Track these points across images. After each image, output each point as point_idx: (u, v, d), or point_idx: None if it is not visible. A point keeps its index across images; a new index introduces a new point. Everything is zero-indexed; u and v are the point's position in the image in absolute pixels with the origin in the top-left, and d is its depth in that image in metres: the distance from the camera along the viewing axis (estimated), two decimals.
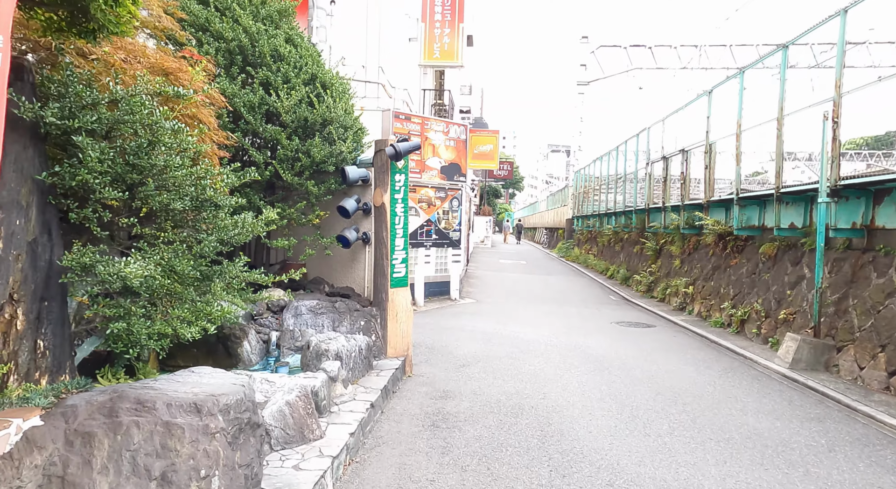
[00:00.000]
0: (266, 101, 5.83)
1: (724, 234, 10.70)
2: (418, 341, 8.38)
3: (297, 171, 5.94)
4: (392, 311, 6.15)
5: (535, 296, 14.21)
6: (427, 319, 10.44)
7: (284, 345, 5.57)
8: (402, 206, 6.22)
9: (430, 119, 13.19)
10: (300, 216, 6.09)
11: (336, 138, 6.19)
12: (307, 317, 5.70)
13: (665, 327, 10.56)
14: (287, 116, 5.87)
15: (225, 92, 5.56)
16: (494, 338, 8.84)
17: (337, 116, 6.14)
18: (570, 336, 9.29)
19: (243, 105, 5.65)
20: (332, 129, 6.15)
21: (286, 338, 5.58)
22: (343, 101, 6.18)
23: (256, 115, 5.77)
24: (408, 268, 6.29)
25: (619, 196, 19.31)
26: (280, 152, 5.82)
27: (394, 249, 6.14)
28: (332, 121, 6.13)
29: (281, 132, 5.76)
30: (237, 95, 5.60)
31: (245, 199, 5.85)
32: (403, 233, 6.26)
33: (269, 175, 5.79)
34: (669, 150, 13.90)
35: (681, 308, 12.25)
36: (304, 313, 5.70)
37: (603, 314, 11.86)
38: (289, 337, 5.58)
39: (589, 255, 23.55)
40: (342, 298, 6.08)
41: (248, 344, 5.34)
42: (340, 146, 6.18)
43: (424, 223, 12.85)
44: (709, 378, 6.89)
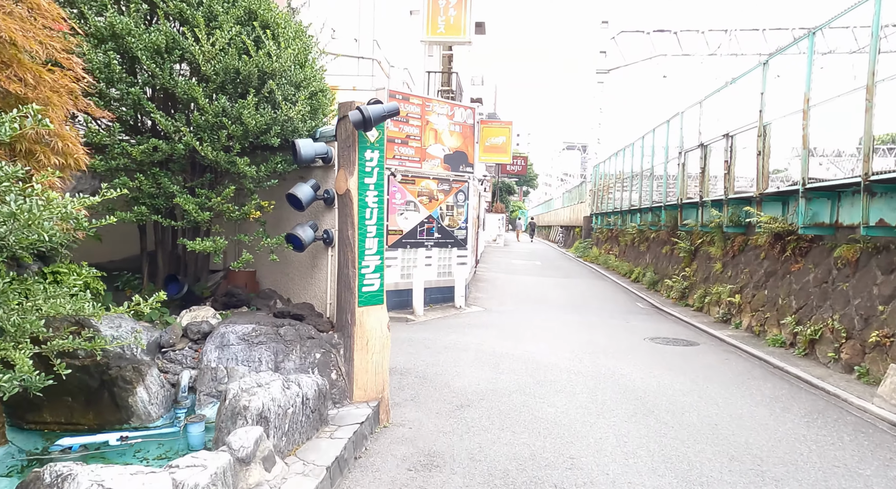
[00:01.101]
0: (179, 43, 4.22)
1: (782, 233, 8.88)
2: (408, 366, 6.70)
3: (223, 143, 4.27)
4: (361, 339, 4.47)
5: (551, 304, 12.46)
6: (424, 333, 8.77)
7: (203, 390, 3.93)
8: (375, 195, 4.54)
9: (433, 100, 11.49)
10: (232, 207, 4.43)
11: (281, 99, 4.52)
12: (238, 349, 4.06)
13: (711, 345, 8.76)
14: (209, 66, 4.20)
15: (115, 30, 3.94)
16: (504, 362, 7.13)
17: (282, 69, 4.46)
18: (596, 358, 7.55)
19: (144, 48, 3.99)
20: (275, 85, 4.47)
21: (205, 380, 3.94)
22: (295, 49, 4.49)
23: (165, 64, 4.12)
24: (383, 278, 4.61)
25: (644, 191, 17.46)
26: (195, 116, 4.15)
27: (363, 254, 4.46)
28: (276, 74, 4.45)
29: (197, 88, 4.18)
30: (134, 35, 3.94)
31: (152, 183, 4.23)
32: (378, 231, 4.57)
33: (182, 149, 4.14)
34: (708, 136, 12.05)
35: (724, 320, 10.43)
36: (232, 343, 4.06)
37: (632, 327, 10.08)
38: (209, 378, 3.94)
39: (610, 256, 21.71)
40: (293, 320, 4.44)
41: (146, 390, 3.70)
42: (288, 110, 4.50)
43: (425, 220, 11.17)
44: (793, 428, 5.12)
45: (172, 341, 4.06)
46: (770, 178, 9.77)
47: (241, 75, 4.25)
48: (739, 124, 10.53)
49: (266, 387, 3.48)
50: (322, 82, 5.04)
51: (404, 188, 10.78)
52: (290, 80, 4.53)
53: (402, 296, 10.85)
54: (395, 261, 10.68)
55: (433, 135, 11.27)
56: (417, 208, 11.02)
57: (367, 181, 4.51)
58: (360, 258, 4.47)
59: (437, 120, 11.33)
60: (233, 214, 4.37)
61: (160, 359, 4.01)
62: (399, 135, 10.67)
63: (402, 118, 10.73)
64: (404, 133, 10.76)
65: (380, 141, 4.60)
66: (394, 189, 10.61)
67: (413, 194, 10.94)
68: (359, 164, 4.45)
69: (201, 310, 4.50)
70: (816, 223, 8.07)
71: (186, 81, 4.06)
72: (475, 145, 17.01)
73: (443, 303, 11.63)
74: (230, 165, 4.27)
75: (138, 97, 4.02)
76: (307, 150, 4.32)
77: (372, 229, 4.55)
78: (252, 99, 4.18)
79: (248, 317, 4.39)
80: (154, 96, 4.42)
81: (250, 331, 4.14)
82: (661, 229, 15.68)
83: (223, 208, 4.32)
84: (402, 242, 10.79)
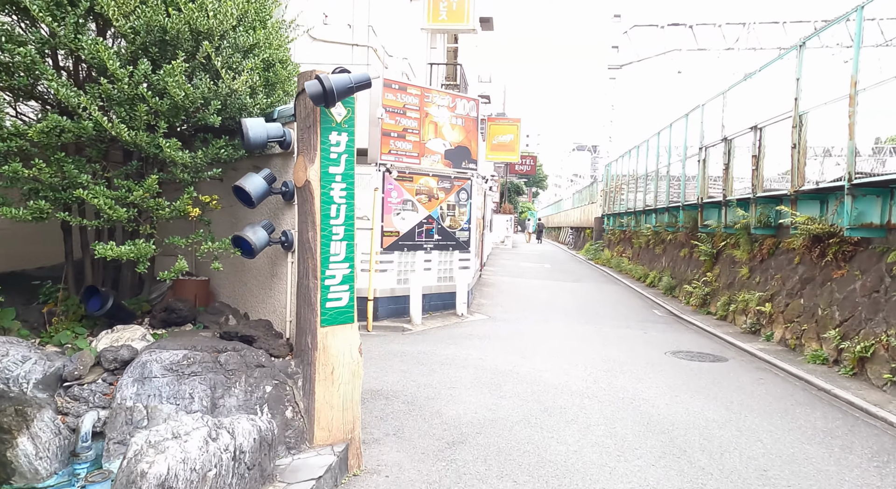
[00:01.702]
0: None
1: (822, 235, 7.89)
2: (396, 388, 5.82)
3: (144, 121, 3.40)
4: (324, 366, 3.59)
5: (561, 311, 11.52)
6: (420, 346, 7.88)
7: (114, 437, 3.06)
8: (343, 188, 3.66)
9: (432, 90, 10.61)
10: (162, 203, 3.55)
11: (220, 67, 3.64)
12: (163, 382, 3.19)
13: (741, 361, 7.80)
14: (124, 22, 3.32)
15: None
16: (507, 382, 6.22)
17: (222, 28, 3.57)
18: (613, 377, 6.62)
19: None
20: (212, 49, 3.58)
21: (118, 423, 3.08)
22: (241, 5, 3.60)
23: (67, 18, 3.24)
24: (353, 291, 3.72)
25: (660, 190, 16.47)
26: (105, 87, 3.27)
27: (327, 261, 3.58)
28: (213, 35, 3.56)
29: (105, 47, 3.21)
30: None
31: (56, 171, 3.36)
32: (347, 232, 3.69)
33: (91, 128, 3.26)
34: (733, 129, 11.06)
35: (753, 331, 9.44)
36: (156, 375, 3.19)
37: (651, 338, 9.13)
38: (123, 420, 3.08)
39: (622, 259, 20.72)
40: (241, 343, 3.57)
41: (33, 440, 2.86)
42: (231, 82, 3.62)
43: (424, 220, 10.30)
44: (862, 477, 4.17)
45: (79, 372, 3.20)
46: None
47: (168, 35, 3.38)
48: (769, 116, 9.56)
49: (182, 439, 2.61)
50: (284, 52, 4.16)
51: (401, 186, 9.91)
52: (233, 43, 3.64)
53: (398, 304, 9.98)
54: (390, 265, 9.81)
55: (433, 128, 10.40)
56: (416, 208, 10.15)
57: (333, 171, 3.63)
58: (323, 266, 3.59)
59: (438, 112, 10.46)
60: (161, 212, 3.50)
61: (61, 397, 3.16)
62: (395, 128, 9.80)
63: (399, 109, 9.87)
64: (401, 126, 9.90)
65: (349, 121, 3.72)
66: (389, 187, 9.75)
67: (411, 193, 10.07)
68: (321, 149, 3.57)
69: (127, 330, 3.65)
70: (864, 224, 7.08)
71: (93, 40, 3.19)
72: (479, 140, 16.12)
73: (443, 311, 10.74)
74: (155, 150, 3.39)
75: (31, 59, 3.16)
76: (257, 132, 3.46)
77: (339, 230, 3.66)
78: (180, 65, 3.30)
79: (185, 340, 3.53)
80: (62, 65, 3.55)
81: (181, 358, 3.28)
82: (678, 231, 14.69)
83: (150, 204, 3.46)
84: (399, 245, 9.92)
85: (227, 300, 4.57)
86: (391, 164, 9.74)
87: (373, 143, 9.69)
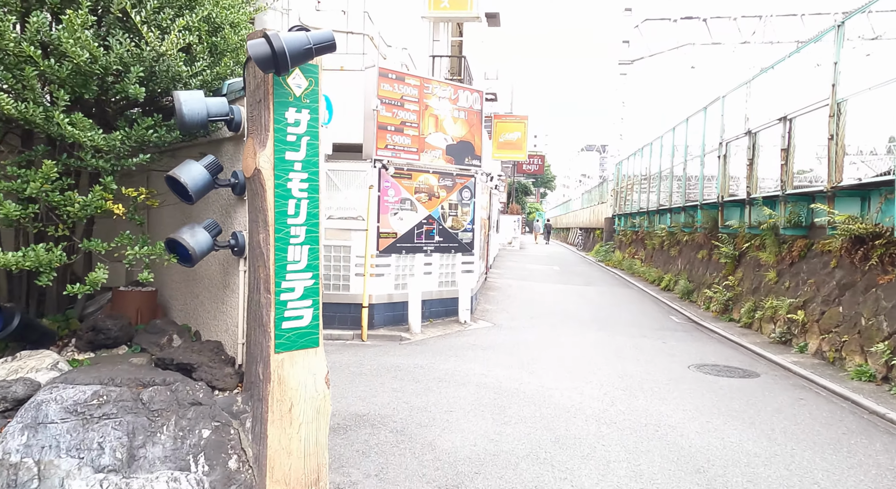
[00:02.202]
0: None
1: (865, 236, 7.07)
2: (385, 412, 5.07)
3: (38, 91, 2.68)
4: (280, 403, 2.86)
5: (572, 318, 10.73)
6: (417, 358, 7.14)
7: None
8: (304, 178, 2.92)
9: (432, 81, 9.87)
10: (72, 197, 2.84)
11: (142, 23, 2.92)
12: (64, 429, 2.47)
13: (774, 377, 6.99)
14: None
15: None
16: (512, 404, 5.46)
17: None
18: (632, 397, 5.84)
19: None
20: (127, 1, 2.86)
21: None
22: None
23: None
24: (318, 307, 2.99)
25: (676, 188, 15.63)
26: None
27: (283, 270, 2.84)
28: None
29: None
30: None
31: None
32: (310, 234, 2.95)
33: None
34: (758, 122, 10.23)
35: (783, 341, 8.61)
36: (55, 420, 2.45)
37: (671, 349, 8.33)
38: (5, 482, 2.36)
39: (635, 261, 19.87)
40: (178, 373, 2.84)
41: None
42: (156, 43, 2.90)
43: (424, 220, 9.55)
44: None
45: None
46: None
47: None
48: (799, 106, 8.73)
49: None
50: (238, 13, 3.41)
51: (399, 184, 9.18)
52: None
53: (396, 311, 9.25)
54: (387, 269, 9.08)
55: (433, 121, 9.66)
56: (414, 207, 9.41)
57: (291, 157, 2.89)
58: (278, 277, 2.85)
59: (439, 104, 9.72)
60: (69, 208, 2.78)
61: None
62: (392, 121, 9.07)
63: (397, 101, 9.14)
64: (399, 119, 9.16)
65: (311, 95, 2.98)
66: (386, 185, 9.02)
67: (409, 191, 9.33)
68: (275, 129, 2.83)
69: (34, 357, 2.94)
70: None
71: None
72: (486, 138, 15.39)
73: (445, 318, 9.99)
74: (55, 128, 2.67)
75: None
76: (193, 108, 2.72)
77: (299, 231, 2.92)
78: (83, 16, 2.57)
79: (104, 371, 2.81)
80: None
81: (90, 396, 2.55)
82: (696, 231, 13.85)
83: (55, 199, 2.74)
84: (397, 247, 9.19)
85: (180, 315, 3.85)
86: (388, 159, 9.01)
87: (367, 138, 8.97)
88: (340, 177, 8.87)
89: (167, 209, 3.69)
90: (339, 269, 8.80)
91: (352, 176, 8.87)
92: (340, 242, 8.82)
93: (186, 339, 3.52)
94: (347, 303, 8.78)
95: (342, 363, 6.90)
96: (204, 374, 2.97)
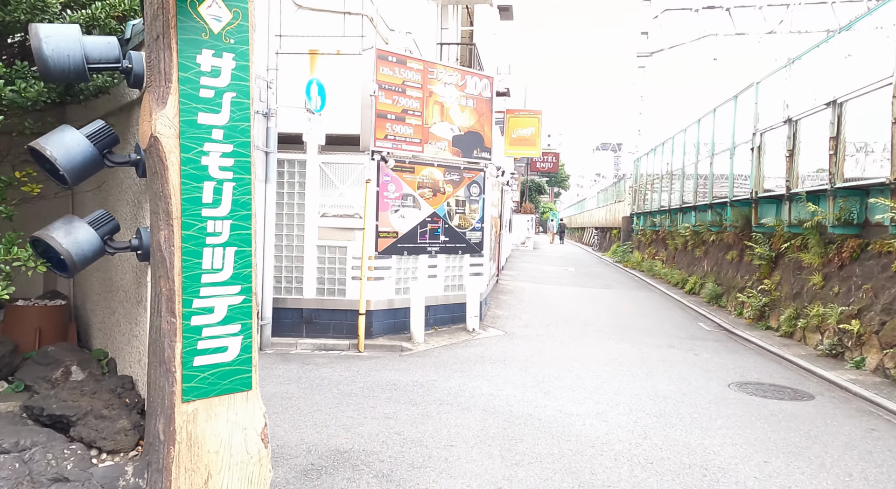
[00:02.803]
0: None
1: None
2: (372, 447, 4.20)
3: None
4: (191, 474, 2.01)
5: (591, 325, 9.79)
6: (417, 373, 6.26)
7: None
8: (229, 152, 2.07)
9: (437, 65, 9.00)
10: None
11: None
12: None
13: (832, 398, 6.00)
14: None
15: None
16: (525, 438, 4.56)
17: None
18: (668, 427, 4.91)
19: None
20: None
21: None
22: None
23: None
24: (250, 333, 2.13)
25: (701, 185, 14.59)
26: None
27: (196, 282, 1.99)
28: None
29: None
30: None
31: None
32: (237, 232, 2.10)
33: None
34: (799, 109, 9.21)
35: (833, 353, 7.60)
36: None
37: (704, 362, 7.37)
38: None
39: (655, 262, 18.82)
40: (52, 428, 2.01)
41: None
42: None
43: (428, 218, 8.68)
44: None
45: None
46: None
47: None
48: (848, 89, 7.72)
49: None
50: None
51: (400, 178, 8.32)
52: None
53: (397, 318, 8.38)
54: (387, 271, 8.22)
55: (438, 110, 8.78)
56: (418, 204, 8.54)
57: (207, 120, 2.03)
58: (187, 292, 1.99)
59: (444, 91, 8.84)
60: None
61: None
62: (393, 108, 8.21)
63: (398, 87, 8.28)
64: (400, 107, 8.30)
65: (237, 34, 2.11)
66: (386, 179, 8.16)
67: (412, 186, 8.47)
68: (181, 79, 1.97)
69: None
70: None
71: None
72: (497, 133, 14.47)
73: (451, 325, 9.11)
74: None
75: None
76: (61, 47, 1.88)
77: (220, 227, 2.06)
78: None
79: None
80: None
81: None
82: (725, 230, 12.82)
83: None
84: (398, 248, 8.32)
85: (98, 337, 3.03)
86: (388, 151, 8.16)
87: (365, 127, 8.12)
88: (335, 170, 8.03)
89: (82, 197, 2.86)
90: (333, 273, 7.97)
91: (348, 169, 8.03)
92: (336, 243, 7.98)
93: (92, 372, 2.68)
94: (343, 310, 7.94)
95: (331, 379, 6.05)
96: (86, 431, 2.13)
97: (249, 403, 2.16)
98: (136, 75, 2.22)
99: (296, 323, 7.96)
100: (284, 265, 7.92)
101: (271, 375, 6.14)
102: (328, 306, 7.96)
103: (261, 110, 7.37)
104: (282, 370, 6.38)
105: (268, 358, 6.95)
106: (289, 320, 7.92)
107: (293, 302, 7.93)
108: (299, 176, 7.97)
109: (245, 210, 2.13)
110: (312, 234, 7.94)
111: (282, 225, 7.92)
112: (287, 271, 7.93)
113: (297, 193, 7.96)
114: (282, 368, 6.46)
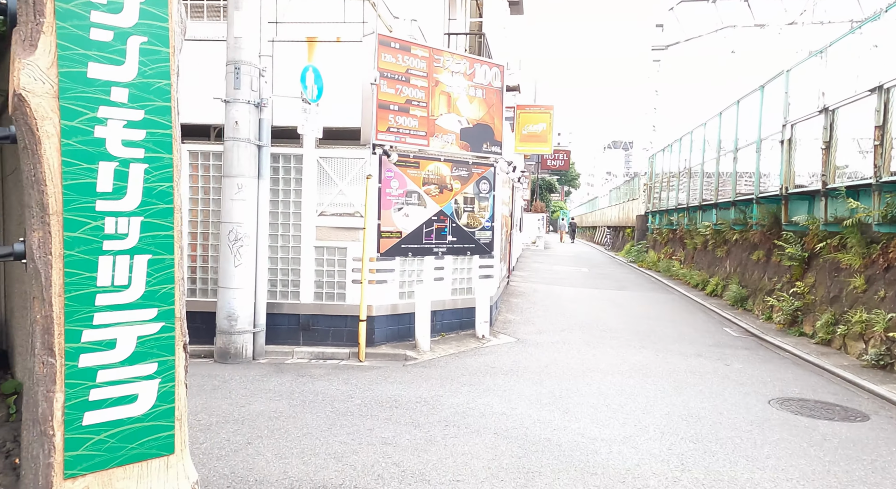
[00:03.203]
0: None
1: None
2: (365, 483, 3.60)
3: None
4: None
5: (609, 331, 9.13)
6: (421, 388, 5.65)
7: None
8: (136, 121, 1.47)
9: (444, 52, 8.39)
10: None
11: None
12: None
13: (889, 418, 5.31)
14: None
15: None
16: (543, 471, 3.93)
17: None
18: (709, 454, 4.26)
19: None
20: None
21: None
22: None
23: None
24: (173, 374, 1.54)
25: (723, 181, 13.86)
26: None
27: (86, 305, 1.41)
28: None
29: None
30: None
31: None
32: (152, 233, 1.50)
33: None
34: (836, 97, 8.48)
35: (881, 365, 6.90)
36: None
37: (738, 374, 6.69)
38: None
39: (672, 262, 18.08)
40: None
41: None
42: None
43: (434, 217, 8.07)
44: None
45: None
46: None
47: None
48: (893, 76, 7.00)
49: None
50: None
51: (404, 173, 7.71)
52: None
53: (401, 323, 7.79)
54: (391, 274, 7.63)
55: (445, 100, 8.17)
56: (423, 201, 7.94)
57: (100, 73, 1.42)
58: (71, 319, 1.39)
59: (451, 80, 8.22)
60: None
61: None
62: (396, 99, 7.61)
63: (402, 75, 7.68)
64: (403, 97, 7.70)
65: None
66: (389, 175, 7.56)
67: (416, 182, 7.86)
68: (57, 10, 1.38)
69: None
70: None
71: None
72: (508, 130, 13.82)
73: (459, 331, 8.50)
74: None
75: None
76: None
77: (125, 227, 1.45)
78: None
79: None
80: None
81: None
82: (750, 229, 12.09)
83: None
84: (402, 249, 7.72)
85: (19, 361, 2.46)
86: (391, 145, 7.56)
87: (366, 119, 7.53)
88: (334, 166, 7.44)
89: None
90: (333, 275, 7.38)
91: (347, 164, 7.44)
92: (335, 244, 7.40)
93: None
94: (343, 316, 7.35)
95: (326, 395, 5.46)
96: None
97: (171, 472, 1.57)
98: (12, 13, 1.65)
99: (292, 329, 7.39)
100: (280, 268, 7.35)
101: (261, 389, 5.57)
102: (327, 312, 7.38)
103: (252, 100, 6.80)
104: (273, 383, 5.81)
105: (260, 368, 6.39)
106: (284, 327, 7.35)
107: (289, 307, 7.35)
108: (295, 171, 7.39)
109: (164, 203, 1.54)
110: (310, 235, 7.36)
111: (276, 224, 7.35)
112: (283, 274, 7.36)
113: (292, 190, 7.38)
114: (274, 381, 5.89)
